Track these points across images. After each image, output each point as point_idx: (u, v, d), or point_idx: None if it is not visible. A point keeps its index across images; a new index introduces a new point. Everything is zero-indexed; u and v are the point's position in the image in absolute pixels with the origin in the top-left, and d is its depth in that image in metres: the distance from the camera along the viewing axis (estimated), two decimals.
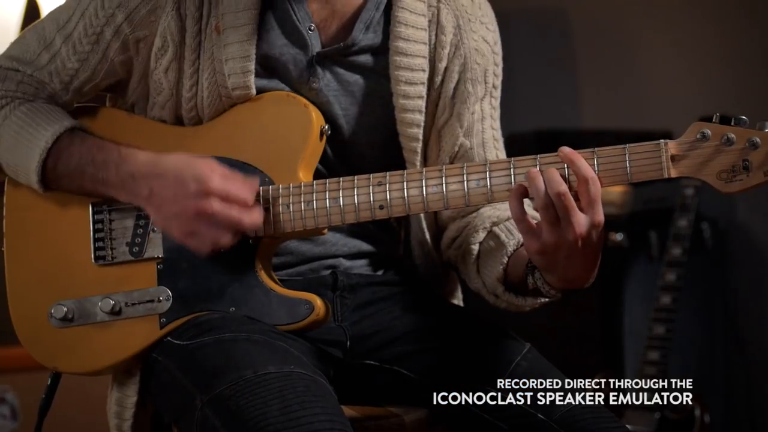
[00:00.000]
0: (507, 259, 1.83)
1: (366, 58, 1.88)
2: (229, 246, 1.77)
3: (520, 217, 1.68)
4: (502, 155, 1.98)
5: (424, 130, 1.91)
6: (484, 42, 1.93)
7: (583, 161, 1.66)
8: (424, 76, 1.88)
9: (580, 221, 1.65)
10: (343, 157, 1.89)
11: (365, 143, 1.90)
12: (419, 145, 1.90)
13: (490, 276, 1.85)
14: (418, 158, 1.91)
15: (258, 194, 1.78)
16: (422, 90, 1.88)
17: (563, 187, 1.65)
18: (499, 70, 1.97)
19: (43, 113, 1.85)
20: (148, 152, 1.80)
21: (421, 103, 1.89)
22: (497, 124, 1.99)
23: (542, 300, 1.83)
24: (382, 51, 1.88)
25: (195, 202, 1.74)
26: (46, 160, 1.82)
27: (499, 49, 1.96)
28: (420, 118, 1.89)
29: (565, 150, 1.68)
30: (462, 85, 1.91)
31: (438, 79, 1.90)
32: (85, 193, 1.85)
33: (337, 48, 1.86)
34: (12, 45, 1.92)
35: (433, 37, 1.89)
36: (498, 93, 1.98)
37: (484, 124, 1.95)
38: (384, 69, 1.88)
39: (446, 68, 1.90)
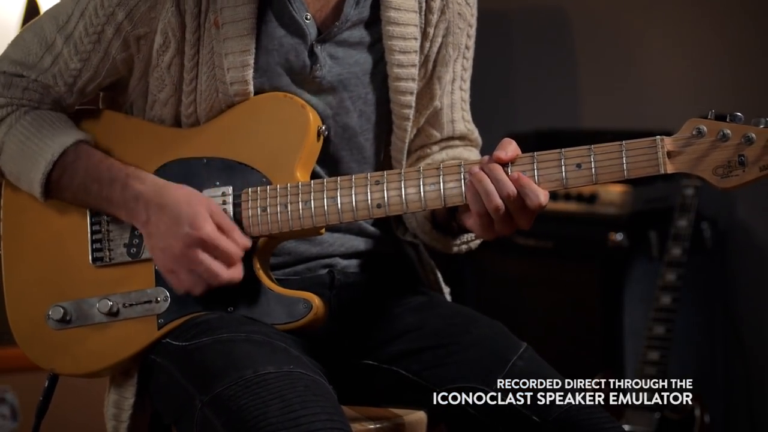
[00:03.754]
0: None
1: (360, 33, 1.88)
2: (201, 294, 1.78)
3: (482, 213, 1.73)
4: (468, 116, 2.03)
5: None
6: (466, 5, 1.95)
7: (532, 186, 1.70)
8: (416, 44, 1.89)
9: (527, 217, 1.72)
10: (349, 136, 1.90)
11: (371, 118, 1.92)
12: (411, 112, 1.92)
13: (420, 213, 1.91)
14: (409, 124, 1.93)
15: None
16: (415, 58, 1.90)
17: (511, 189, 1.69)
18: (473, 31, 1.99)
19: (48, 123, 1.86)
20: (157, 178, 1.81)
21: (414, 72, 1.90)
22: (467, 86, 2.02)
23: (471, 239, 1.93)
24: (374, 23, 1.88)
25: (183, 245, 1.76)
26: (51, 172, 1.83)
27: (475, 11, 1.98)
28: (413, 86, 1.91)
29: (514, 175, 1.71)
30: (444, 49, 1.94)
31: (427, 44, 1.92)
32: (86, 207, 1.86)
33: (333, 28, 1.86)
34: (11, 47, 1.90)
35: (423, 4, 1.90)
36: (470, 54, 2.01)
37: (454, 85, 1.99)
38: (378, 40, 1.89)
39: (433, 33, 1.92)
